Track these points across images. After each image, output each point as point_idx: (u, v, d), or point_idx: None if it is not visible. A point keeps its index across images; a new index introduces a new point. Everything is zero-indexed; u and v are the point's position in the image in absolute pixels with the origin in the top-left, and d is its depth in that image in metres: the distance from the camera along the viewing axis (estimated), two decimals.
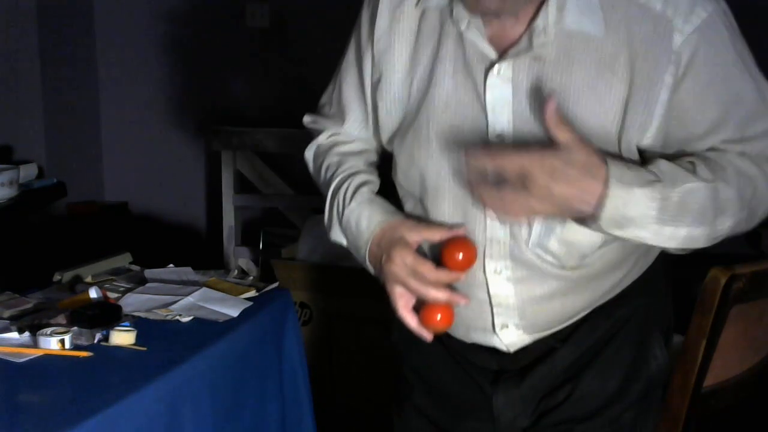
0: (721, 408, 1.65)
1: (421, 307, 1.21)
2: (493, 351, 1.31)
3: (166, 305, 1.72)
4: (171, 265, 1.96)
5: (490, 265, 1.23)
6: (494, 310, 1.26)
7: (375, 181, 1.33)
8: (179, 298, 1.75)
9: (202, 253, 3.62)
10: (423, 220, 1.25)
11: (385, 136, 1.31)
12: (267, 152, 3.36)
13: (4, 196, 2.73)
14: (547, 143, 1.07)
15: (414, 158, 1.24)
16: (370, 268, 1.28)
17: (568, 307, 1.26)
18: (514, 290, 1.24)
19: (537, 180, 1.04)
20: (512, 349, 1.29)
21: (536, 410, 1.32)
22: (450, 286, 1.20)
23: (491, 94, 1.17)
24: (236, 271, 1.99)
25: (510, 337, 1.28)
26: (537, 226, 1.19)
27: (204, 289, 1.80)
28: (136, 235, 3.57)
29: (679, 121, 1.16)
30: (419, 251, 1.21)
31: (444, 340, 1.35)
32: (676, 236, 1.11)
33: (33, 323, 1.58)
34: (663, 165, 1.12)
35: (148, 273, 1.91)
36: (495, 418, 1.33)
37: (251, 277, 1.97)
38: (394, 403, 1.47)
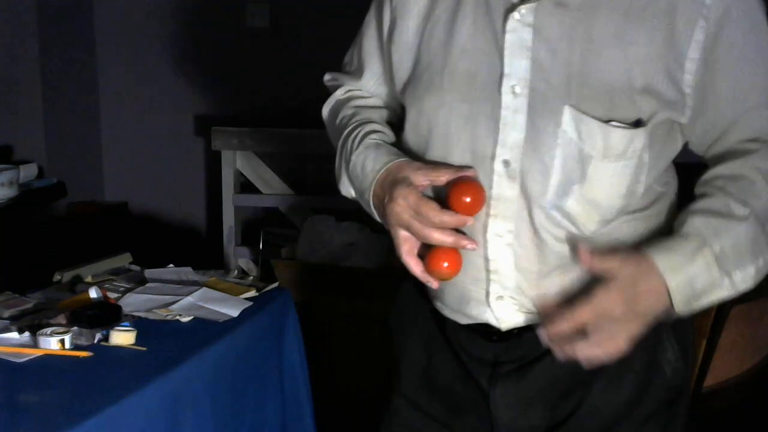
0: (721, 408, 1.65)
1: (426, 253, 1.15)
2: (488, 335, 1.25)
3: (166, 305, 1.72)
4: (171, 265, 1.96)
5: (493, 227, 1.16)
6: (490, 276, 1.19)
7: (388, 132, 1.28)
8: (179, 298, 1.75)
9: (202, 253, 3.62)
10: (429, 162, 1.18)
11: (398, 87, 1.27)
12: (267, 152, 3.36)
13: (4, 196, 2.73)
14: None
15: (424, 108, 1.19)
16: (375, 214, 1.22)
17: (566, 287, 1.18)
18: (513, 258, 1.17)
19: (618, 312, 1.06)
20: (504, 327, 1.22)
21: (542, 418, 1.26)
22: (457, 231, 1.13)
23: (510, 38, 1.12)
24: (236, 271, 1.99)
25: (503, 311, 1.21)
26: (553, 184, 1.12)
27: (204, 289, 1.80)
28: (136, 235, 3.57)
29: (710, 84, 1.12)
30: (425, 196, 1.15)
31: (441, 325, 1.31)
32: (748, 276, 1.11)
33: (33, 323, 1.58)
34: (697, 221, 1.10)
35: (148, 273, 1.91)
36: (492, 417, 1.28)
37: (251, 277, 1.96)
38: (384, 393, 1.42)
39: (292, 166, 3.46)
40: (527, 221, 1.15)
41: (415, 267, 1.16)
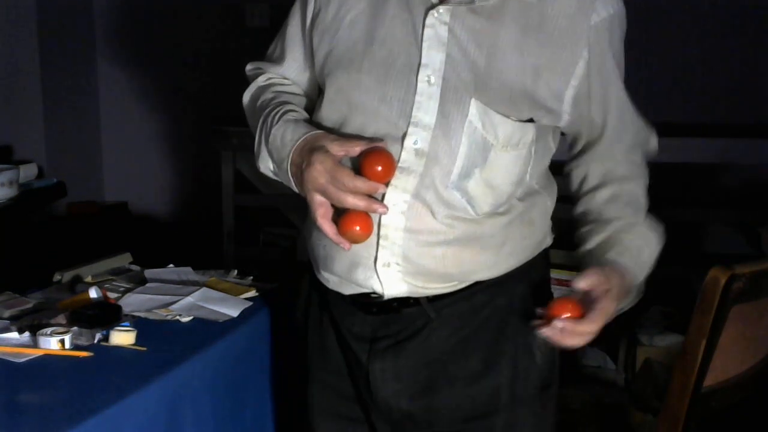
0: (721, 408, 1.65)
1: (339, 217, 1.23)
2: (368, 308, 1.33)
3: (166, 305, 1.72)
4: (171, 265, 1.96)
5: (391, 196, 1.25)
6: (380, 242, 1.27)
7: (305, 115, 1.37)
8: (179, 298, 1.75)
9: (202, 253, 3.62)
10: (344, 135, 1.28)
11: (317, 67, 1.35)
12: None
13: (4, 196, 2.73)
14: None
15: (343, 87, 1.29)
16: (292, 183, 1.30)
17: (448, 260, 1.29)
18: (404, 224, 1.26)
19: (612, 310, 1.23)
20: (387, 293, 1.30)
21: (416, 397, 1.34)
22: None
23: (428, 33, 1.24)
24: (236, 271, 1.99)
25: (388, 278, 1.29)
26: (458, 166, 1.24)
27: (204, 289, 1.80)
28: (136, 235, 3.57)
29: (586, 102, 1.29)
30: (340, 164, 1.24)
31: (325, 303, 1.39)
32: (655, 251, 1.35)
33: (33, 323, 1.58)
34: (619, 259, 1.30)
35: (148, 273, 1.91)
36: (373, 395, 1.35)
37: (251, 277, 1.96)
38: (301, 382, 1.49)
39: None
40: (423, 196, 1.25)
41: (329, 229, 1.25)
